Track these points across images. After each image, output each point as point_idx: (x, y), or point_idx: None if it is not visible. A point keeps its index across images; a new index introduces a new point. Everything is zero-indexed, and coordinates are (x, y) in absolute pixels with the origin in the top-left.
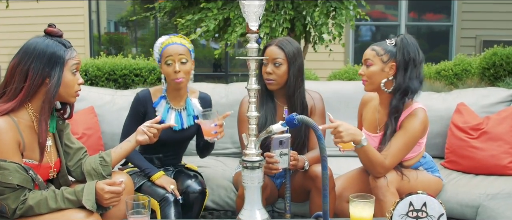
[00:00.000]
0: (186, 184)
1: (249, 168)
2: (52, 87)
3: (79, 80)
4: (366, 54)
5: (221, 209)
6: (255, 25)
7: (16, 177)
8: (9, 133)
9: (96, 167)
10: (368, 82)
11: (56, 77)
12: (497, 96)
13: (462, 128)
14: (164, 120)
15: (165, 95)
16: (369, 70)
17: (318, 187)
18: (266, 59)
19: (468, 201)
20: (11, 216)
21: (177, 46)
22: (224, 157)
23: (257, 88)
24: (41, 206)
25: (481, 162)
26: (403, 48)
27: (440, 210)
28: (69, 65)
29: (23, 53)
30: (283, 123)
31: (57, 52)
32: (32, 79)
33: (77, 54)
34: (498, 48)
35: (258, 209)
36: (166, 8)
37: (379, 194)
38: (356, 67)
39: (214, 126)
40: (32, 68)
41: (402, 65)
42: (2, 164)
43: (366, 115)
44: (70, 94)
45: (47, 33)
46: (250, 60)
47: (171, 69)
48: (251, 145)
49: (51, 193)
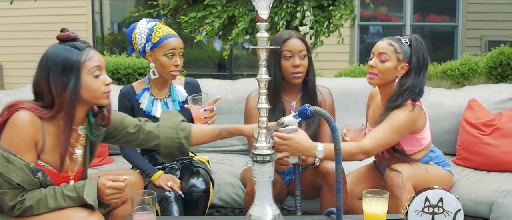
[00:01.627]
0: (190, 183)
1: (260, 162)
2: (70, 94)
3: (106, 80)
4: (383, 47)
5: (229, 206)
6: (266, 14)
7: (19, 176)
8: (29, 129)
9: (173, 142)
10: (379, 77)
11: (72, 84)
12: (509, 92)
13: (474, 124)
14: (150, 112)
15: (148, 86)
16: (384, 65)
17: (329, 183)
18: (290, 52)
19: (482, 198)
20: (9, 212)
21: (178, 40)
22: (231, 154)
23: (267, 79)
24: (41, 206)
25: (494, 158)
26: (418, 52)
27: (457, 205)
28: (87, 68)
29: (39, 67)
30: (295, 114)
31: (70, 58)
32: (56, 92)
33: (95, 53)
34: (505, 47)
35: (269, 204)
36: (170, 5)
37: (396, 192)
38: (361, 67)
39: (204, 111)
40: (51, 80)
41: (415, 68)
42: (11, 158)
43: (372, 109)
44: (96, 96)
45: (59, 39)
46: (261, 49)
47: (171, 62)
48: (262, 138)
49: (50, 191)
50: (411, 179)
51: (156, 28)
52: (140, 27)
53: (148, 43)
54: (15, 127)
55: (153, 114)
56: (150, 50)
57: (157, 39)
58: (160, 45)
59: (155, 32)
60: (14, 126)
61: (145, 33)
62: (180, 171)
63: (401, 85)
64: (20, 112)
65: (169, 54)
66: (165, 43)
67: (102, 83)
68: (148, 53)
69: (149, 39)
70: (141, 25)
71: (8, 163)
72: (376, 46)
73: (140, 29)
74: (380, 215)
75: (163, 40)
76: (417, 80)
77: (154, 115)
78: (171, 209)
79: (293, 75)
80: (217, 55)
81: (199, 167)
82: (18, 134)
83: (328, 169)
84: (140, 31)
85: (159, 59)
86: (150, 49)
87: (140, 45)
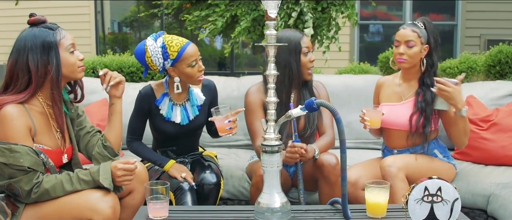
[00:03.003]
0: (201, 177)
1: (269, 152)
2: (54, 72)
3: (80, 56)
4: (408, 35)
5: (236, 198)
6: (274, 13)
7: (27, 160)
8: (20, 119)
9: (101, 150)
10: (408, 61)
11: (55, 62)
12: (506, 89)
13: (472, 119)
14: (170, 118)
15: (167, 92)
16: (412, 50)
17: (325, 176)
18: (307, 48)
19: (479, 191)
20: (26, 198)
21: (193, 46)
22: (237, 148)
23: (276, 74)
24: (57, 189)
25: (491, 153)
26: (433, 32)
27: (454, 194)
28: (64, 46)
29: (16, 51)
30: (302, 107)
31: (46, 38)
32: (36, 71)
33: (66, 33)
34: (503, 46)
35: (277, 192)
36: (174, 5)
37: (390, 181)
38: (361, 65)
39: (228, 122)
40: (30, 61)
41: (434, 47)
42: (14, 147)
43: (385, 93)
44: (73, 71)
45: (31, 23)
46: (269, 46)
47: (196, 69)
48: (270, 130)
49: (65, 176)
50: (404, 169)
51: (168, 43)
52: (151, 48)
53: (167, 61)
54: (7, 123)
55: (173, 120)
56: (171, 66)
57: (176, 55)
58: (181, 59)
59: (169, 48)
60: (5, 122)
61: (160, 52)
62: (190, 165)
63: (426, 64)
64: (5, 108)
65: (192, 64)
66: (185, 55)
67: (76, 58)
68: (170, 69)
69: (167, 56)
70: (151, 46)
71: (13, 152)
72: (400, 34)
73: (152, 50)
74: (381, 204)
75: (182, 53)
76: (436, 56)
77: (174, 121)
78: (185, 199)
79: (309, 71)
80: (218, 54)
81: (210, 162)
82: (12, 128)
83: (323, 162)
84: (153, 53)
85: (184, 71)
86: (171, 65)
87: (159, 65)
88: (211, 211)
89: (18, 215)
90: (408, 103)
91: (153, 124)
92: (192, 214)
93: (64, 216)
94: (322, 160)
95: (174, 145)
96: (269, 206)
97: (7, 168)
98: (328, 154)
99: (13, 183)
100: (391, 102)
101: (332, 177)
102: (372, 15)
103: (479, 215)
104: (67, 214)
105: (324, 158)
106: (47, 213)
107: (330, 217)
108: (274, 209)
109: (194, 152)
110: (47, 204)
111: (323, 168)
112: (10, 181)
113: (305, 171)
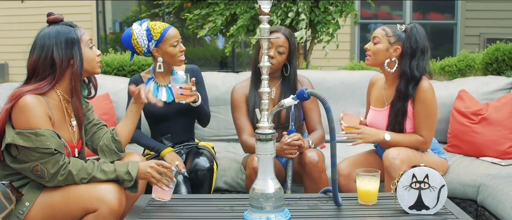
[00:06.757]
0: (194, 162)
1: (263, 140)
2: (78, 66)
3: (97, 52)
4: (376, 32)
5: (233, 189)
6: (267, 8)
7: (53, 142)
8: (41, 107)
9: (109, 143)
10: (372, 57)
11: (78, 56)
12: (497, 84)
13: (463, 112)
14: (156, 96)
15: (152, 76)
16: (375, 47)
17: (307, 172)
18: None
19: (470, 181)
20: (50, 181)
21: (175, 29)
22: (234, 142)
23: (269, 66)
24: (82, 172)
25: (482, 146)
26: (413, 36)
27: (441, 181)
28: (84, 42)
29: (40, 47)
30: (294, 97)
31: (69, 34)
32: (60, 64)
33: (84, 30)
34: (500, 44)
35: (271, 178)
36: (175, 4)
37: (392, 173)
38: (361, 63)
39: (180, 89)
40: (56, 55)
41: (408, 52)
42: (39, 131)
43: (374, 93)
44: (94, 66)
45: (51, 21)
46: (263, 39)
47: (177, 50)
48: (264, 119)
49: (90, 164)
50: (407, 161)
51: (152, 27)
52: (136, 31)
53: (151, 42)
54: (28, 111)
55: (159, 98)
56: (155, 47)
57: (159, 36)
58: (163, 39)
59: (153, 30)
60: (26, 110)
61: (144, 35)
62: (186, 156)
63: (400, 69)
64: (25, 97)
65: (174, 44)
66: (167, 36)
67: (95, 54)
68: (154, 50)
69: (150, 38)
70: (136, 30)
71: (39, 136)
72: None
73: (137, 33)
74: (372, 191)
75: (165, 34)
76: (412, 64)
77: (160, 99)
78: (180, 191)
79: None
80: (220, 53)
81: (203, 150)
82: (34, 114)
83: (306, 160)
84: (138, 35)
85: (167, 51)
86: (155, 46)
87: (144, 46)
88: (207, 199)
89: (30, 203)
90: (388, 111)
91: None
92: (188, 202)
93: (72, 204)
94: (305, 158)
95: (168, 131)
96: (263, 192)
97: (34, 152)
98: (311, 152)
99: (41, 164)
100: (376, 106)
101: (315, 174)
102: (373, 15)
103: (470, 205)
104: (75, 202)
105: (307, 155)
106: (55, 201)
107: (323, 205)
108: (268, 195)
109: (189, 142)
110: (56, 191)
111: (306, 166)
112: (36, 162)
113: (295, 164)
